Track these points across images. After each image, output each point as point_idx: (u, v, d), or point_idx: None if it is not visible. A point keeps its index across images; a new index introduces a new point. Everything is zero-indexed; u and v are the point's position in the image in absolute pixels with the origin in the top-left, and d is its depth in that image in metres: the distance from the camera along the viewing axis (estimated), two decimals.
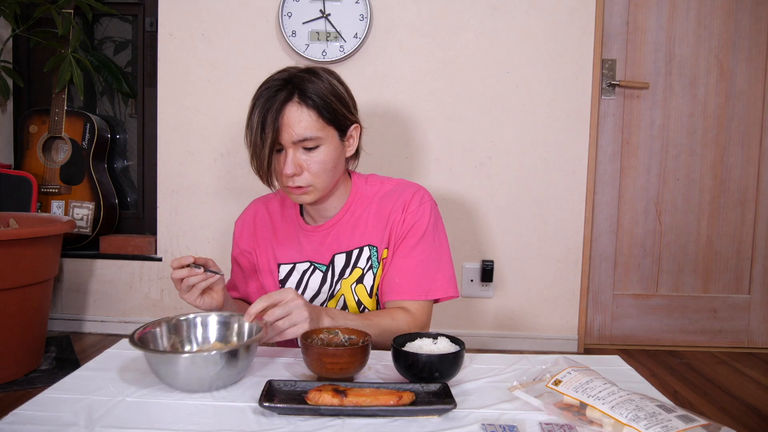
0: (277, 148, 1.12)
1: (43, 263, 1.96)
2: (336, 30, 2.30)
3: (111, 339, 2.36)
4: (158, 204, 2.45)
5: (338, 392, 0.81)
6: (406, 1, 2.33)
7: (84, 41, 2.61)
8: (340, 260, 1.24)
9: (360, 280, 1.24)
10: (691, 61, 2.41)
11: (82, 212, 2.48)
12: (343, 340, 0.99)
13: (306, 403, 0.81)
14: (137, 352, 1.03)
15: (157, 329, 1.00)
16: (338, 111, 1.14)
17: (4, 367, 1.89)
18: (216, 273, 1.08)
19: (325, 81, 1.14)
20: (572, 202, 2.38)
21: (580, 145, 2.36)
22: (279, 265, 1.28)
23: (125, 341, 1.10)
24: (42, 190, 2.47)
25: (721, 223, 2.47)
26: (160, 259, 2.48)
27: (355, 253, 1.23)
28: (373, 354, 1.02)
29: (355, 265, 1.23)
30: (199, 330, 1.04)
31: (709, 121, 2.43)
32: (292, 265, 1.27)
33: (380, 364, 1.01)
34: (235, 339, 1.03)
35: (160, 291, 2.48)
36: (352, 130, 1.20)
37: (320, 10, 2.30)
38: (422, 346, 0.94)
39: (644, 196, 2.46)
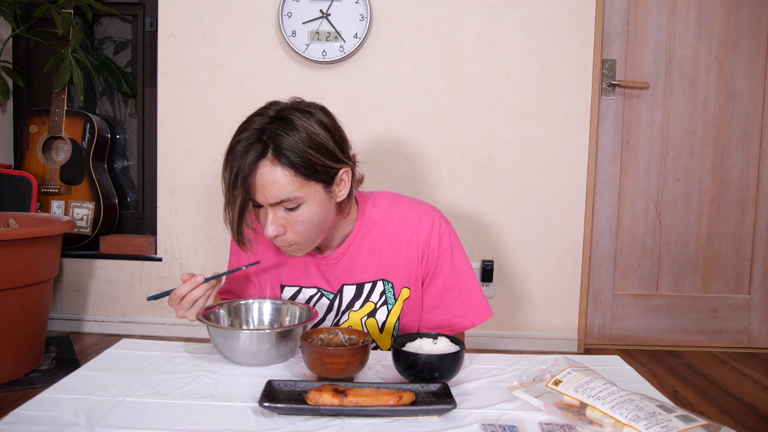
0: (255, 204, 1.04)
1: (43, 263, 1.95)
2: (336, 30, 2.30)
3: (111, 339, 2.36)
4: (158, 204, 2.45)
5: (338, 392, 0.81)
6: (406, 1, 2.33)
7: (84, 41, 2.61)
8: (349, 291, 1.19)
9: (372, 314, 1.20)
10: (691, 61, 2.41)
11: (82, 212, 2.48)
12: (343, 340, 0.99)
13: (306, 403, 0.81)
14: (137, 352, 1.05)
15: (220, 310, 1.10)
16: (318, 164, 1.01)
17: (4, 367, 1.89)
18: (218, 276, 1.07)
19: (302, 131, 1.00)
20: (572, 202, 2.38)
21: (580, 145, 2.36)
22: (282, 287, 1.23)
23: (125, 341, 1.11)
24: (42, 190, 2.47)
25: (721, 223, 2.47)
26: (160, 259, 2.47)
27: (368, 287, 1.19)
28: (373, 354, 1.02)
29: (366, 299, 1.19)
30: (255, 313, 1.14)
31: (709, 121, 2.43)
32: (297, 288, 1.22)
33: (380, 364, 1.01)
34: (287, 322, 1.12)
35: (160, 291, 2.48)
36: (342, 175, 1.07)
37: (320, 10, 2.30)
38: (422, 346, 0.94)
39: (644, 196, 2.46)
